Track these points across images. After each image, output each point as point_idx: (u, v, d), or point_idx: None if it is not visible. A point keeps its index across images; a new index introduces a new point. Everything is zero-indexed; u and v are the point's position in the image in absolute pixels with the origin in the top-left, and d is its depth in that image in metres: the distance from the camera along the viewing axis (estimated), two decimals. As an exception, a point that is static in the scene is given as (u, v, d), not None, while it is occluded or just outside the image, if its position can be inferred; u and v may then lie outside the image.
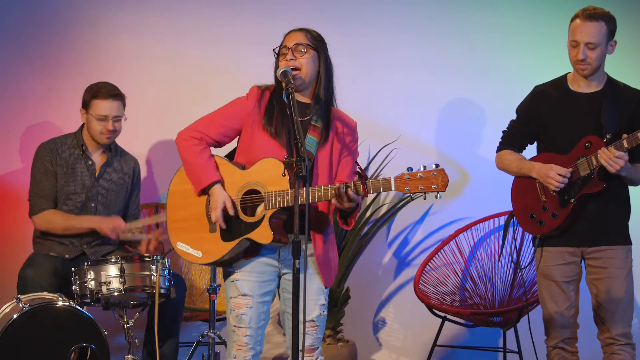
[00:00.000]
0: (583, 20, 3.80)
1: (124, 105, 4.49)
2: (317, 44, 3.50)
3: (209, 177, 3.44)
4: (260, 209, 3.39)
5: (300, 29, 3.51)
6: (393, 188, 3.22)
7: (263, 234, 3.36)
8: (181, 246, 3.49)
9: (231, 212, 3.39)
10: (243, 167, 3.45)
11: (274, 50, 3.50)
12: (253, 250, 3.44)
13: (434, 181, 3.19)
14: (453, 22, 5.47)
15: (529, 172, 3.94)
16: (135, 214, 4.67)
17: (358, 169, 3.31)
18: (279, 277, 3.52)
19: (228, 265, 3.47)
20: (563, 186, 3.82)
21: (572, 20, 3.87)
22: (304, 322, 3.17)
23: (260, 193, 3.39)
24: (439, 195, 3.21)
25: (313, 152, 3.45)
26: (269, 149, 3.42)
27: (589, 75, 3.87)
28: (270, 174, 3.36)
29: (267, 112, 3.47)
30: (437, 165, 3.21)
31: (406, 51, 5.45)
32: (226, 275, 3.51)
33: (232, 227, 3.41)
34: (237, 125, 3.50)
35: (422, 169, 3.22)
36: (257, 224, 3.37)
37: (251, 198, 3.41)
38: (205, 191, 3.45)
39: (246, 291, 3.44)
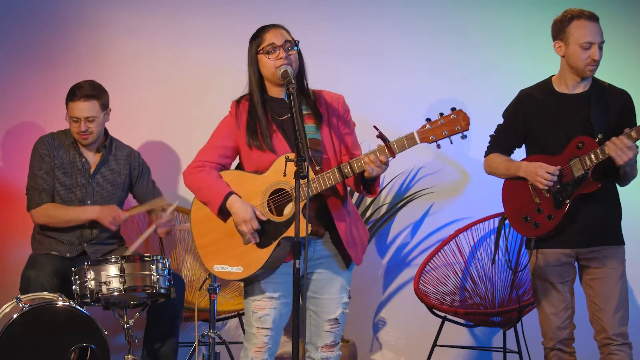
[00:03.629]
0: (590, 21, 3.81)
1: (102, 104, 4.44)
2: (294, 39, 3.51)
3: (221, 191, 3.40)
4: (290, 206, 3.38)
5: (280, 26, 3.50)
6: (418, 141, 3.26)
7: (300, 228, 3.30)
8: (219, 268, 3.44)
9: (261, 216, 3.36)
10: (260, 173, 3.43)
11: (258, 49, 3.45)
12: (291, 250, 3.41)
13: (456, 123, 3.23)
14: (453, 22, 5.47)
15: (516, 172, 3.94)
16: (157, 194, 4.65)
17: (378, 133, 3.25)
18: (302, 277, 3.51)
19: (270, 273, 3.43)
20: (552, 184, 3.82)
21: (568, 23, 3.84)
22: (304, 323, 3.18)
23: (285, 190, 3.38)
24: (464, 135, 3.24)
25: (318, 137, 3.45)
26: (270, 159, 3.41)
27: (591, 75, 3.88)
28: (291, 170, 3.33)
29: (249, 125, 3.45)
30: (453, 109, 3.24)
31: (406, 51, 5.45)
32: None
33: (266, 232, 3.38)
34: (233, 144, 3.51)
35: (439, 116, 3.24)
36: (291, 220, 3.35)
37: (278, 198, 3.40)
38: (222, 209, 3.41)
39: (271, 293, 3.44)
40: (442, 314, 4.96)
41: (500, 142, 4.09)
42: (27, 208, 4.47)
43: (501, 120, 4.13)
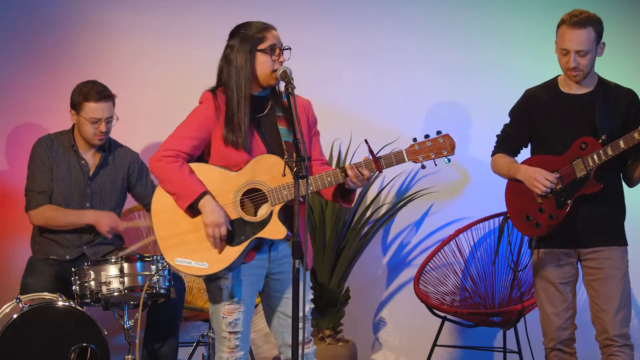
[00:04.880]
0: (571, 28, 3.78)
1: (114, 104, 4.45)
2: None
3: (197, 189, 3.35)
4: (265, 207, 3.38)
5: (274, 27, 3.50)
6: (406, 159, 3.36)
7: (275, 230, 3.34)
8: (181, 261, 3.37)
9: (229, 218, 3.35)
10: (230, 169, 3.40)
11: (257, 47, 3.44)
12: (252, 251, 3.42)
13: (443, 147, 3.35)
14: (453, 22, 5.47)
15: (515, 174, 3.95)
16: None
17: (368, 148, 3.33)
18: (265, 277, 3.51)
19: (227, 272, 3.41)
20: (549, 191, 3.83)
21: (559, 26, 3.84)
22: (304, 325, 3.19)
23: (260, 191, 3.38)
24: (447, 160, 3.37)
25: (290, 141, 3.45)
26: (243, 157, 3.39)
27: (581, 81, 3.88)
28: (268, 170, 3.35)
29: (229, 120, 3.40)
30: (439, 132, 3.36)
31: (406, 51, 5.45)
32: (213, 282, 3.44)
33: (236, 230, 3.37)
34: (207, 136, 3.44)
35: (425, 138, 3.35)
36: (265, 221, 3.35)
37: (252, 198, 3.40)
38: (193, 206, 3.35)
39: (239, 296, 3.42)
40: (442, 314, 4.96)
41: (506, 142, 4.09)
42: (25, 209, 4.46)
43: (502, 120, 4.13)
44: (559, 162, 3.86)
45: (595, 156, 3.76)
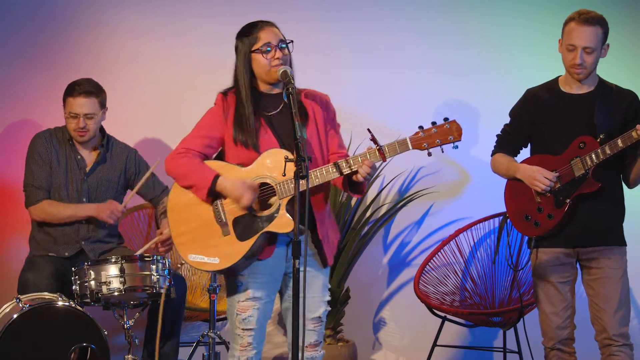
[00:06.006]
0: (580, 25, 3.80)
1: (100, 102, 4.44)
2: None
3: (210, 173, 3.39)
4: (273, 200, 3.38)
5: (271, 23, 3.50)
6: (410, 147, 3.29)
7: (283, 223, 3.35)
8: (194, 257, 3.43)
9: (254, 187, 3.35)
10: (242, 166, 3.44)
11: (252, 48, 3.45)
12: (269, 247, 3.42)
13: (450, 133, 3.27)
14: (453, 22, 5.47)
15: (514, 173, 3.96)
16: (159, 193, 4.62)
17: (371, 137, 3.28)
18: (284, 275, 3.51)
19: (246, 266, 3.42)
20: (549, 189, 3.83)
21: (566, 23, 3.87)
22: (304, 323, 3.18)
23: (269, 185, 3.39)
24: (456, 145, 3.28)
25: (304, 136, 3.45)
26: (254, 156, 3.41)
27: (584, 79, 3.88)
28: (277, 165, 3.36)
29: (236, 121, 3.43)
30: (446, 119, 3.27)
31: (406, 51, 5.45)
32: (231, 277, 3.47)
33: (246, 225, 3.38)
34: (219, 135, 3.48)
35: (432, 125, 3.28)
36: (273, 215, 3.36)
37: (262, 192, 3.40)
38: (211, 192, 3.39)
39: (255, 294, 3.43)
40: (442, 314, 4.96)
41: (506, 142, 4.10)
42: (25, 205, 4.47)
43: (503, 120, 4.14)
44: (557, 162, 3.86)
45: (593, 155, 3.77)
